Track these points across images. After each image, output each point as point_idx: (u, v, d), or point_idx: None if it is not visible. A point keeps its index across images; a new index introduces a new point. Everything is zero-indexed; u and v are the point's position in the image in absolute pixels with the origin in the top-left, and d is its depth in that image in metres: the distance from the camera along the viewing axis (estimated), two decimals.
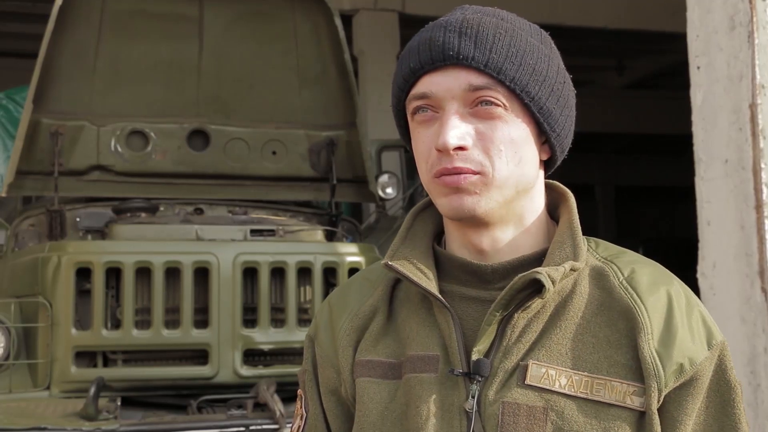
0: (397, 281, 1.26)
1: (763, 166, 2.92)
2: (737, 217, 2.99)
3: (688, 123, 3.22)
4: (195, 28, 4.60)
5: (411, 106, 1.16)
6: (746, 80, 2.96)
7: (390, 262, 1.20)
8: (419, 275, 1.18)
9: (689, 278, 3.44)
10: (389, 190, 5.68)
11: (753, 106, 2.93)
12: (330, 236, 4.58)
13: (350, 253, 4.21)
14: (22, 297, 3.99)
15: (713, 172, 3.11)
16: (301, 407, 1.30)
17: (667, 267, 1.23)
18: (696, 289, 3.14)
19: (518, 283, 1.11)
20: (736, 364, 2.94)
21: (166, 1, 4.54)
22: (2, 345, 3.82)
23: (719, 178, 3.07)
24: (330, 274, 4.14)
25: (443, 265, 1.22)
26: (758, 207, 2.92)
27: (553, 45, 1.19)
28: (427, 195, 1.21)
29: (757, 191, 2.92)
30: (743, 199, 2.97)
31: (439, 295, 1.16)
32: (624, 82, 15.08)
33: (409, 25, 10.13)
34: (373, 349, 1.21)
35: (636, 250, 1.24)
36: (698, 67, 3.18)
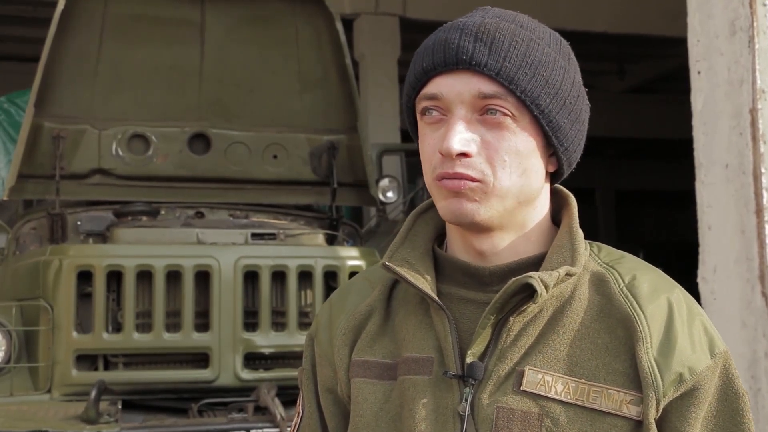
0: (396, 282, 1.25)
1: (763, 170, 2.92)
2: (738, 221, 3.00)
3: (688, 127, 3.22)
4: (196, 32, 4.61)
5: (420, 105, 1.15)
6: (747, 85, 2.96)
7: (388, 263, 1.19)
8: (417, 277, 1.17)
9: (690, 282, 3.44)
10: (390, 194, 5.68)
11: (753, 111, 2.94)
12: (331, 240, 4.59)
13: (351, 256, 4.21)
14: (24, 300, 3.98)
15: (714, 177, 3.11)
16: (299, 405, 1.30)
17: (667, 271, 1.22)
18: (696, 294, 3.14)
19: (511, 287, 1.10)
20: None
21: (167, 6, 4.54)
22: (3, 348, 3.82)
23: (720, 182, 3.07)
24: (331, 277, 4.14)
25: (443, 267, 1.21)
26: (759, 211, 2.92)
27: (571, 56, 1.17)
28: (430, 197, 1.21)
29: (758, 196, 2.92)
30: (744, 203, 2.97)
31: (435, 297, 1.15)
32: (625, 86, 15.08)
33: (410, 29, 10.13)
34: (370, 350, 1.21)
35: (636, 255, 1.23)
36: (699, 72, 3.18)
